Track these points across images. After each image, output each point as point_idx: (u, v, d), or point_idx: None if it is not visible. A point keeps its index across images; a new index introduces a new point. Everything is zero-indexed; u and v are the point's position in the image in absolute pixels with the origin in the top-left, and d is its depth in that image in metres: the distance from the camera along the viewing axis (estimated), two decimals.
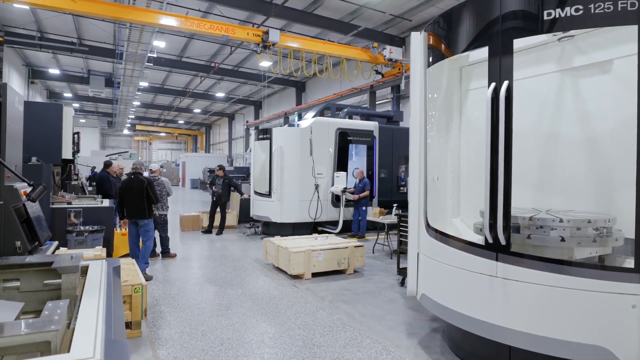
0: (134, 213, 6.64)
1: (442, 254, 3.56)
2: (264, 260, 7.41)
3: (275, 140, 10.42)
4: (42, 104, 9.01)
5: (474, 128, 4.81)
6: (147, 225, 6.76)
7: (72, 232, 6.35)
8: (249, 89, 26.15)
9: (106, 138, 46.56)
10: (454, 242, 3.47)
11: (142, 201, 6.65)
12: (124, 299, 4.08)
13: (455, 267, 3.37)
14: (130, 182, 6.76)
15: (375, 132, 11.58)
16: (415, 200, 4.13)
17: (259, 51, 12.92)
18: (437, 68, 4.27)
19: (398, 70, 15.22)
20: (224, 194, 10.67)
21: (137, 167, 6.97)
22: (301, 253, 6.36)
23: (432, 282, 3.74)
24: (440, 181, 4.81)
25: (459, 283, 3.32)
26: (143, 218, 6.69)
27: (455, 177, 5.08)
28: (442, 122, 4.80)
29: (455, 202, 5.06)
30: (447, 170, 5.03)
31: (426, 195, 3.98)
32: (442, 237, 3.61)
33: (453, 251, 3.40)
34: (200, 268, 7.11)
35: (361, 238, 10.26)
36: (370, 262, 7.60)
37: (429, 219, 3.88)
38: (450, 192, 4.98)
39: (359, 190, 10.29)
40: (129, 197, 6.66)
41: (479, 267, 3.12)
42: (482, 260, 3.10)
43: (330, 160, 10.75)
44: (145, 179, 6.82)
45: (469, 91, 5.01)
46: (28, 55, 20.55)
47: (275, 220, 10.35)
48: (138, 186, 6.67)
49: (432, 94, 4.30)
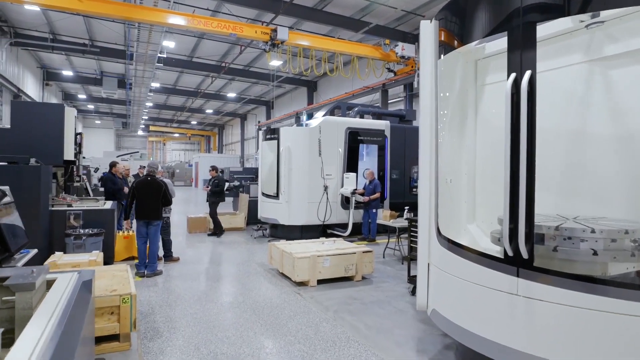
0: (149, 214, 6.64)
1: (455, 266, 3.19)
2: (269, 265, 7.11)
3: (283, 140, 10.12)
4: (43, 104, 8.89)
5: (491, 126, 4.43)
6: (157, 226, 6.77)
7: (70, 235, 6.15)
8: (260, 89, 25.98)
9: (121, 139, 47.00)
10: (469, 253, 3.10)
11: (157, 203, 6.73)
12: (111, 309, 3.82)
13: (469, 282, 3.00)
14: (146, 183, 6.73)
15: (387, 131, 11.19)
16: (425, 205, 3.78)
17: (267, 49, 12.65)
18: (449, 60, 3.90)
19: (411, 67, 14.80)
20: (212, 193, 10.41)
21: (153, 168, 6.95)
22: (306, 259, 6.03)
23: (444, 297, 3.38)
24: (454, 183, 4.44)
25: (474, 300, 2.95)
26: (157, 219, 6.72)
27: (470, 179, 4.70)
28: (455, 119, 4.43)
29: (471, 206, 4.67)
30: (461, 172, 4.65)
31: (437, 200, 3.62)
32: (455, 248, 3.25)
33: (467, 264, 3.04)
34: (201, 273, 6.84)
35: (371, 242, 9.90)
36: (380, 267, 7.23)
37: (441, 226, 3.51)
38: (464, 195, 4.61)
39: (369, 192, 9.92)
40: (144, 198, 6.63)
41: (498, 284, 2.75)
42: (501, 276, 2.73)
43: (340, 161, 10.40)
44: (163, 182, 6.88)
45: (485, 86, 4.63)
46: (42, 57, 20.72)
47: (283, 223, 10.05)
48: (156, 188, 6.72)
49: (444, 89, 3.93)
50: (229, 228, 11.49)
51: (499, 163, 4.40)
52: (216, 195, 10.35)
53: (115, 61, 20.03)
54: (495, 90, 4.34)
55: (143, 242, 6.57)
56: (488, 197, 4.53)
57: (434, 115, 3.72)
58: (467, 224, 4.62)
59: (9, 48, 16.57)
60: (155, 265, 6.64)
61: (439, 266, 3.44)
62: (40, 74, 22.08)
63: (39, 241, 6.14)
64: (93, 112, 36.95)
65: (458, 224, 4.45)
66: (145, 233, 6.60)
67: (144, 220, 6.58)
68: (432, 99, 3.71)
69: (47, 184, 6.49)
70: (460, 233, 4.41)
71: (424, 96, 3.81)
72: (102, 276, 4.36)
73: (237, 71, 21.10)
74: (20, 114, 6.91)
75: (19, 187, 5.99)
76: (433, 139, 3.70)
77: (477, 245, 4.10)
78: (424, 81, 3.84)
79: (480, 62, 4.67)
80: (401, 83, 15.88)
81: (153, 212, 6.67)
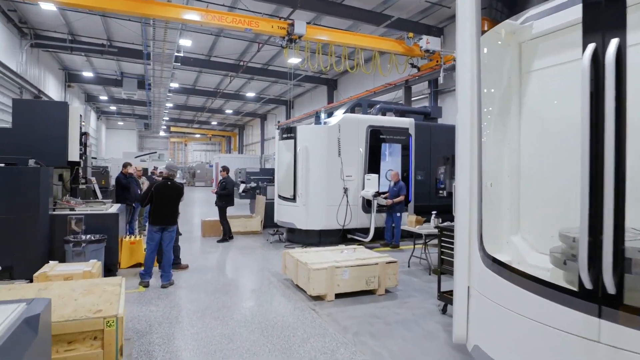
0: (166, 220, 6.18)
1: (506, 294, 2.53)
2: (283, 274, 6.53)
3: (300, 139, 9.55)
4: (46, 102, 8.59)
5: (539, 119, 3.73)
6: (174, 231, 6.34)
7: (69, 242, 5.72)
8: (279, 88, 25.53)
9: (144, 140, 47.52)
10: (526, 280, 2.43)
11: (175, 208, 6.34)
12: (94, 334, 3.30)
13: (527, 318, 2.33)
14: (166, 187, 6.24)
15: (411, 129, 10.47)
16: (464, 215, 3.11)
17: (284, 45, 12.11)
18: (493, 36, 3.24)
19: (436, 62, 13.99)
20: (219, 197, 9.88)
21: (173, 172, 6.44)
22: (323, 270, 5.42)
23: (490, 332, 2.71)
24: (495, 188, 3.75)
25: (535, 342, 2.28)
26: (173, 224, 6.32)
27: (514, 181, 4.00)
28: (496, 112, 3.74)
29: (514, 214, 3.97)
30: (502, 174, 3.95)
31: (480, 209, 2.95)
32: (504, 271, 2.58)
33: (524, 294, 2.37)
34: (209, 283, 6.31)
35: (395, 248, 9.22)
36: (405, 279, 6.56)
37: (486, 242, 2.85)
38: (507, 201, 3.91)
39: (393, 195, 9.24)
40: (163, 203, 6.15)
41: (569, 325, 2.08)
42: (575, 315, 2.05)
43: (361, 161, 9.75)
44: (182, 186, 6.44)
45: (531, 72, 3.91)
46: (64, 59, 20.82)
47: (300, 227, 9.47)
48: (176, 193, 6.33)
49: (487, 74, 3.26)
50: (245, 232, 11.01)
51: (549, 163, 3.70)
52: (223, 198, 9.82)
53: (134, 61, 19.92)
54: (544, 77, 3.65)
55: (152, 250, 6.09)
56: (535, 203, 3.82)
57: (475, 104, 3.06)
58: (510, 235, 3.93)
59: (30, 50, 16.59)
60: (170, 275, 6.16)
61: (484, 292, 2.78)
62: (62, 76, 22.22)
63: (37, 248, 5.76)
64: (116, 114, 37.41)
65: (499, 236, 3.76)
66: (158, 239, 6.12)
67: (159, 225, 6.11)
68: (472, 83, 3.05)
69: (47, 186, 6.10)
70: (501, 246, 3.73)
71: (462, 82, 3.15)
72: (91, 291, 3.87)
73: (256, 70, 20.70)
74: (23, 113, 6.57)
75: (17, 190, 5.64)
76: (475, 134, 3.04)
77: (524, 261, 3.43)
78: (462, 64, 3.18)
79: (526, 44, 3.96)
80: (425, 79, 15.07)
81: (170, 217, 6.22)
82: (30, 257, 5.62)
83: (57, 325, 3.11)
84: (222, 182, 9.94)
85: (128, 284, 6.08)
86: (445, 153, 11.25)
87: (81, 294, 3.78)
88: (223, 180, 9.97)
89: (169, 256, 6.11)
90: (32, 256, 5.66)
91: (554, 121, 3.62)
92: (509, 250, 3.66)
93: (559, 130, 3.54)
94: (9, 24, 14.36)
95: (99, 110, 35.20)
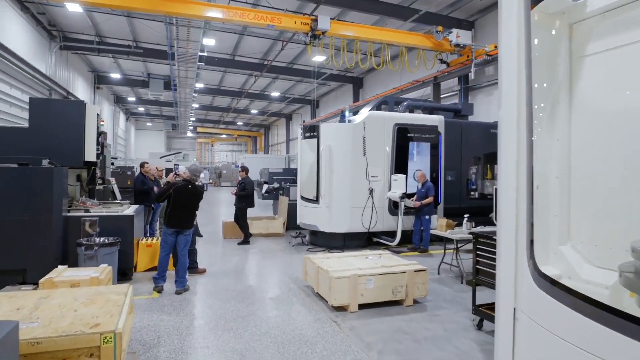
0: (182, 223, 5.88)
1: (567, 323, 2.05)
2: (304, 281, 6.15)
3: (324, 138, 9.15)
4: (62, 102, 8.51)
5: (594, 111, 3.20)
6: (189, 235, 6.05)
7: (81, 245, 5.53)
8: (304, 87, 25.24)
9: (172, 140, 48.32)
10: (588, 306, 1.95)
11: (194, 211, 6.07)
12: (90, 351, 3.00)
13: (597, 358, 1.84)
14: (187, 190, 5.93)
15: (441, 127, 9.90)
16: (508, 223, 2.64)
17: (308, 41, 11.74)
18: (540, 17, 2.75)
19: (467, 57, 13.31)
20: (238, 198, 9.56)
21: (196, 175, 6.09)
22: (345, 279, 5.00)
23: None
24: (541, 190, 3.25)
25: None
26: (190, 228, 6.04)
27: (564, 183, 3.48)
28: (544, 103, 3.23)
29: (564, 220, 3.44)
30: (550, 174, 3.44)
31: (531, 216, 2.47)
32: (566, 296, 2.10)
33: (594, 326, 1.88)
34: (226, 290, 6.00)
35: (423, 252, 8.69)
36: (435, 287, 6.06)
37: (538, 257, 2.37)
38: (555, 206, 3.39)
39: (421, 196, 8.72)
40: (182, 206, 5.86)
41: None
42: None
43: (387, 161, 9.27)
44: (202, 191, 6.22)
45: (584, 58, 3.38)
46: (93, 61, 21.20)
47: (324, 230, 9.08)
48: (196, 197, 6.06)
49: (536, 57, 2.77)
50: (267, 234, 10.71)
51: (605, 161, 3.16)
52: (243, 200, 9.53)
53: (159, 62, 20.06)
54: (601, 62, 3.12)
55: (167, 253, 5.83)
56: (588, 208, 3.29)
57: (523, 95, 2.58)
58: (558, 245, 3.41)
59: (59, 52, 16.91)
60: (185, 280, 5.88)
61: (536, 318, 2.30)
62: (92, 78, 22.66)
63: (51, 251, 5.59)
64: (144, 115, 38.12)
65: (546, 246, 3.25)
66: (172, 242, 5.84)
67: (175, 228, 5.82)
68: (520, 66, 2.57)
69: (62, 187, 5.93)
70: (548, 258, 3.22)
71: (507, 66, 2.68)
72: (93, 301, 3.59)
73: (280, 69, 20.48)
74: (39, 112, 6.44)
75: (30, 191, 5.48)
76: (522, 128, 2.56)
77: (576, 276, 2.92)
78: (506, 44, 2.70)
79: (577, 26, 3.42)
80: (455, 75, 14.39)
81: (187, 221, 5.92)
82: (43, 260, 5.45)
83: (49, 342, 2.83)
84: (241, 183, 9.67)
85: (142, 288, 5.87)
86: (477, 152, 10.63)
87: (82, 304, 3.51)
88: (242, 181, 9.70)
89: (184, 261, 5.83)
90: (45, 259, 5.49)
91: (614, 113, 3.09)
92: (557, 263, 3.15)
93: (619, 123, 3.01)
94: (38, 27, 14.62)
95: (128, 112, 35.94)
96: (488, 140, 10.74)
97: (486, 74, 13.70)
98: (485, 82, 13.58)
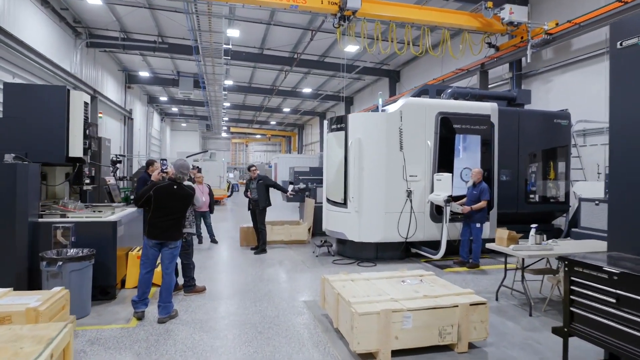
0: (166, 234, 4.66)
1: None
2: (322, 308, 4.81)
3: (352, 130, 7.78)
4: (41, 87, 7.59)
5: None
6: (176, 249, 4.78)
7: (43, 259, 4.46)
8: (337, 83, 23.90)
9: (207, 141, 48.30)
10: None
11: (180, 219, 4.77)
12: None
13: None
14: (170, 192, 4.69)
15: (494, 116, 8.27)
16: None
17: (336, 24, 10.40)
18: None
19: (520, 38, 11.53)
20: (261, 198, 8.34)
21: (182, 171, 4.79)
22: (373, 315, 3.63)
23: None
24: None
25: None
26: (176, 239, 4.76)
27: None
28: None
29: None
30: None
31: None
32: None
33: None
34: (222, 318, 4.74)
35: (473, 267, 7.15)
36: (496, 322, 4.55)
37: None
38: None
39: (472, 199, 7.18)
40: (163, 212, 4.65)
41: None
42: None
43: (429, 157, 7.77)
44: (192, 193, 4.88)
45: None
46: (122, 59, 20.87)
47: (352, 239, 7.71)
48: (182, 200, 4.77)
49: None
50: (289, 241, 9.46)
51: None
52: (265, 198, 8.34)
53: (187, 59, 19.37)
54: None
55: (148, 270, 4.63)
56: None
57: None
58: None
59: (85, 50, 16.50)
60: (170, 305, 4.66)
61: None
62: (122, 77, 22.39)
63: (11, 266, 4.56)
64: (178, 115, 38.12)
65: None
66: (155, 257, 4.69)
67: (157, 240, 4.64)
68: None
69: (30, 187, 4.89)
70: None
71: None
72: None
73: (311, 63, 19.29)
74: (14, 100, 5.49)
75: None
76: None
77: None
78: None
79: None
80: (505, 60, 12.56)
81: (172, 231, 4.69)
82: (2, 278, 4.44)
83: None
84: (258, 180, 8.48)
85: (122, 313, 4.74)
86: (538, 146, 8.91)
87: None
88: (259, 178, 8.52)
89: (168, 281, 4.63)
90: (5, 276, 4.49)
91: None
92: None
93: None
94: (61, 23, 14.13)
95: (162, 112, 35.99)
96: (551, 132, 9.01)
97: (543, 57, 11.84)
98: (543, 67, 11.72)
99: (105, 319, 4.58)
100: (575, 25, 9.78)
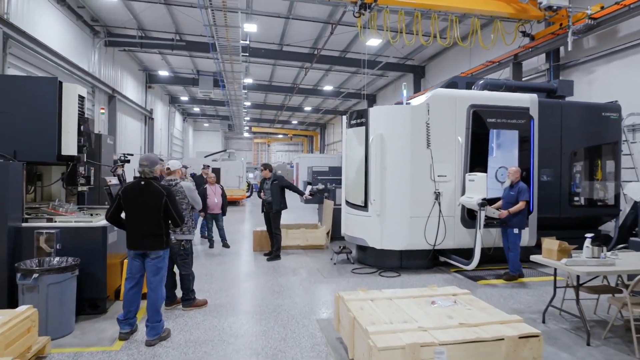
0: (145, 242, 4.01)
1: None
2: (336, 331, 4.12)
3: (374, 125, 7.04)
4: (30, 79, 7.14)
5: None
6: (160, 260, 4.07)
7: (18, 270, 3.93)
8: (359, 80, 23.11)
9: (229, 141, 48.28)
10: None
11: (156, 222, 4.02)
12: None
13: None
14: (137, 190, 4.06)
15: (533, 109, 7.37)
16: None
17: (356, 12, 9.68)
18: None
19: (559, 25, 10.51)
20: (275, 200, 7.69)
21: (148, 167, 4.07)
22: (397, 351, 2.91)
23: None
24: None
25: None
26: (157, 249, 4.04)
27: None
28: None
29: None
30: None
31: None
32: None
33: None
34: (221, 342, 4.08)
35: (511, 280, 6.31)
36: (547, 353, 3.73)
37: None
38: None
39: (509, 201, 6.34)
40: (134, 214, 4.04)
41: None
42: None
43: (460, 155, 6.96)
44: (163, 189, 4.07)
45: None
46: (142, 59, 20.72)
47: (374, 246, 6.97)
48: (152, 199, 4.01)
49: None
50: (305, 246, 8.79)
51: None
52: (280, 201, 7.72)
53: (206, 57, 19.02)
54: None
55: (132, 285, 4.02)
56: None
57: None
58: None
59: (104, 49, 16.35)
60: (160, 325, 4.05)
61: None
62: (143, 77, 22.30)
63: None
64: (200, 115, 38.12)
65: None
66: (138, 271, 4.07)
67: (134, 250, 4.04)
68: None
69: (12, 188, 4.40)
70: None
71: None
72: None
73: (332, 59, 18.59)
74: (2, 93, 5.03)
75: None
76: None
77: None
78: None
79: None
80: (541, 50, 11.54)
81: (149, 238, 4.02)
82: None
83: None
84: (273, 180, 7.84)
85: (109, 331, 4.16)
86: (584, 143, 7.93)
87: None
88: (274, 178, 7.88)
89: (154, 298, 3.99)
90: None
91: None
92: None
93: None
94: (78, 22, 13.94)
95: (184, 112, 36.02)
96: (599, 126, 8.01)
97: (584, 46, 10.77)
98: (584, 56, 10.65)
99: (88, 338, 4.02)
100: (625, 7, 8.75)
